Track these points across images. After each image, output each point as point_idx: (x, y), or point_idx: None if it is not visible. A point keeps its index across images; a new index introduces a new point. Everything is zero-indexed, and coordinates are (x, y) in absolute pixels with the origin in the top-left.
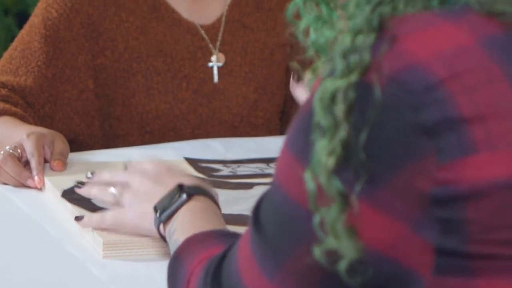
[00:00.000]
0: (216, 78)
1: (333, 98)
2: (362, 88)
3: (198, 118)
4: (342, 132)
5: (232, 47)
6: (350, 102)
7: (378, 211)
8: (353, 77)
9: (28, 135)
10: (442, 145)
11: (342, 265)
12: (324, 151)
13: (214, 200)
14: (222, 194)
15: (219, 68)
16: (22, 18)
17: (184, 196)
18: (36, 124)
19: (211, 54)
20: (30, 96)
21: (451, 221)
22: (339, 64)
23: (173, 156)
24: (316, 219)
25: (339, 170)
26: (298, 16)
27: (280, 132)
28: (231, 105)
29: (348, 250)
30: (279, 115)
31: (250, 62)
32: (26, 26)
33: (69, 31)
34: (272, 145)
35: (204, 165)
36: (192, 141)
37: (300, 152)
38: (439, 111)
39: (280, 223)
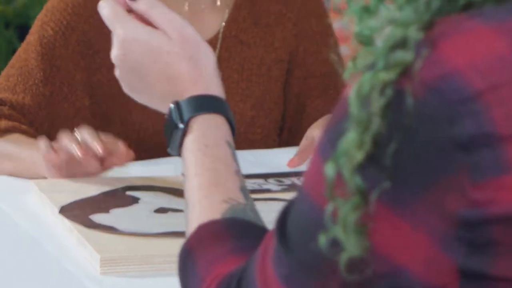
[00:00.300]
0: None
1: (371, 91)
2: (399, 88)
3: None
4: (376, 127)
5: (229, 64)
6: (388, 99)
7: (399, 218)
8: (393, 74)
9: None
10: (476, 162)
11: (343, 258)
12: (353, 143)
13: (225, 113)
14: None
15: None
16: (23, 31)
17: (181, 127)
18: None
19: None
20: (29, 114)
21: (478, 242)
22: (382, 58)
23: (171, 172)
24: (330, 207)
25: (365, 166)
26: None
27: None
28: None
29: (352, 245)
30: (277, 131)
31: (247, 78)
32: (23, 45)
33: (65, 48)
34: (270, 158)
35: None
36: None
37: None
38: (475, 125)
39: (309, 233)
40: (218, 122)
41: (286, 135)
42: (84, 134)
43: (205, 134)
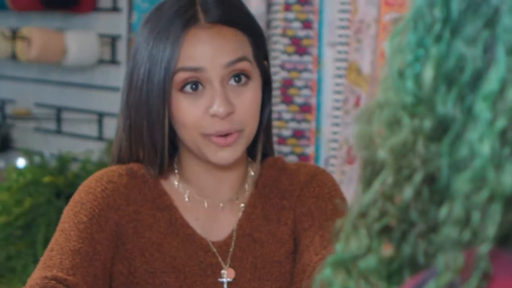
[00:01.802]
0: None
1: None
2: None
3: None
4: None
5: (241, 263)
6: None
7: None
8: None
9: None
10: None
11: None
12: None
13: None
14: None
15: (228, 284)
16: None
17: None
18: None
19: (221, 270)
20: None
21: None
22: None
23: None
24: None
25: None
26: None
27: None
28: None
29: None
30: None
31: (259, 277)
32: (57, 232)
33: (102, 232)
34: None
35: None
36: None
37: None
38: None
39: None
40: None
41: None
42: None
43: None
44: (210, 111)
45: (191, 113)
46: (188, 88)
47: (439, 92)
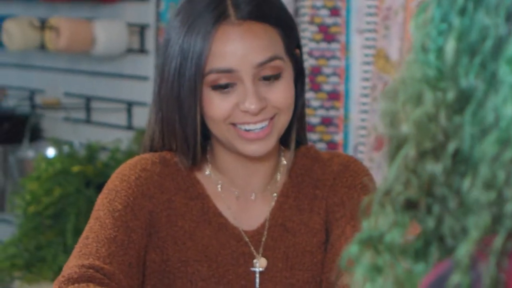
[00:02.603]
0: (257, 284)
1: None
2: None
3: None
4: None
5: (274, 253)
6: None
7: None
8: None
9: None
10: None
11: None
12: None
13: None
14: None
15: (260, 273)
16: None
17: None
18: None
19: (253, 259)
20: (119, 283)
21: None
22: None
23: None
24: None
25: None
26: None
27: None
28: None
29: None
30: None
31: (291, 266)
32: (91, 220)
33: (136, 221)
34: None
35: None
36: None
37: None
38: None
39: None
40: None
41: None
42: None
43: None
44: (242, 107)
45: (222, 108)
46: (219, 86)
47: (461, 64)
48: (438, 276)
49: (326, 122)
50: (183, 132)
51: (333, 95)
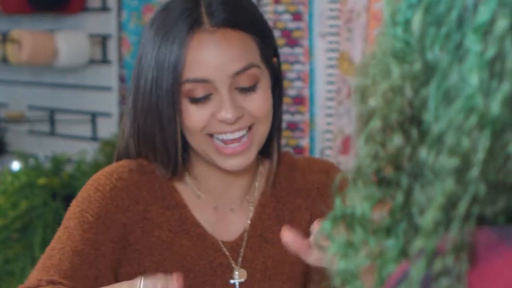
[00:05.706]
0: None
1: None
2: None
3: None
4: None
5: (252, 264)
6: None
7: None
8: None
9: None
10: None
11: None
12: None
13: None
14: None
15: (240, 284)
16: (69, 201)
17: None
18: None
19: (232, 270)
20: None
21: None
22: None
23: None
24: None
25: None
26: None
27: None
28: None
29: None
30: None
31: (269, 277)
32: (62, 229)
33: (107, 234)
34: None
35: None
36: None
37: None
38: None
39: None
40: None
41: None
42: None
43: None
44: (218, 116)
45: (199, 118)
46: (195, 99)
47: (428, 36)
48: (404, 272)
49: (292, 127)
50: (163, 145)
51: (298, 100)
